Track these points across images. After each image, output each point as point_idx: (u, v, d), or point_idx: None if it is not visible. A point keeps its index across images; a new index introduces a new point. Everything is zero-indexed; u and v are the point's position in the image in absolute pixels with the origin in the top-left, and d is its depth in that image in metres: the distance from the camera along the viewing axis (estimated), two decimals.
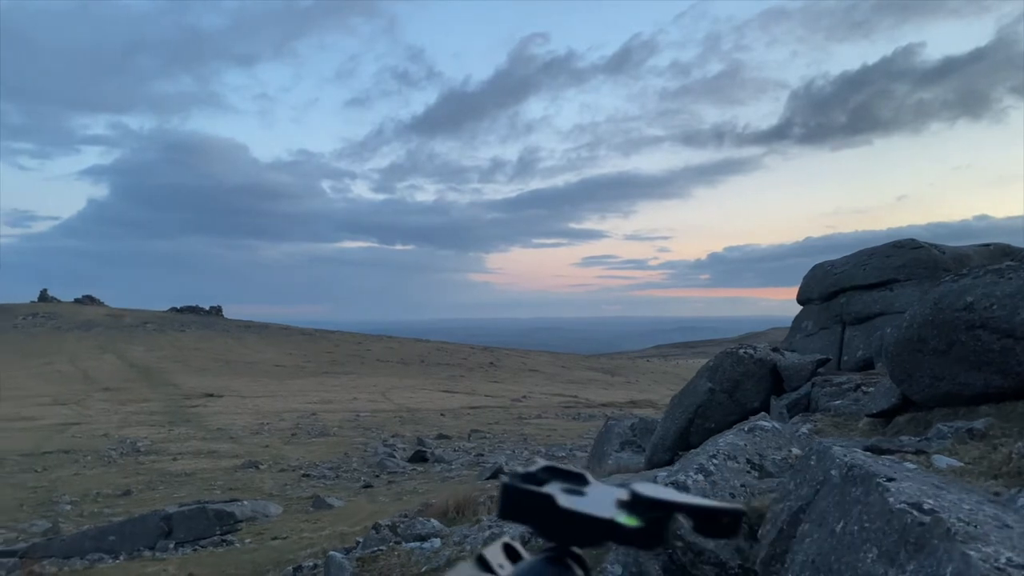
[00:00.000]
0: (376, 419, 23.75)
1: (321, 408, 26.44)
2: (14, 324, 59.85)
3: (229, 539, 8.30)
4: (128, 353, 47.95)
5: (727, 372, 7.77)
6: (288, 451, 17.71)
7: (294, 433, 20.69)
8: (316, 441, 19.45)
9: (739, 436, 4.55)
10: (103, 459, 16.59)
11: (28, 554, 8.07)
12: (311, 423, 22.70)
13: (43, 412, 25.52)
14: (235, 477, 14.30)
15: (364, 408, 26.65)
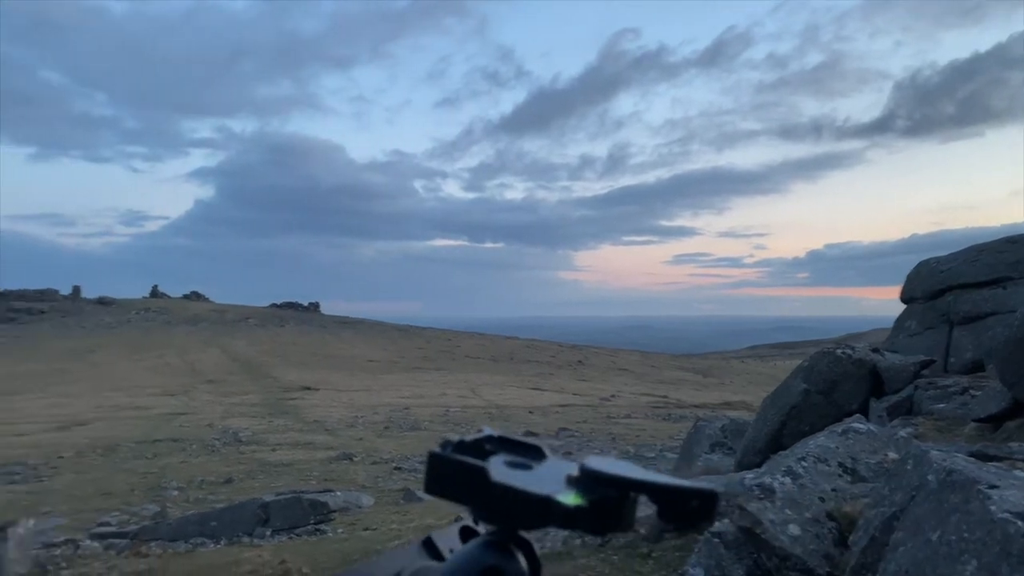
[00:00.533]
0: (465, 415, 24.04)
1: (413, 403, 26.95)
2: (128, 319, 63.49)
3: (322, 528, 8.57)
4: (231, 347, 50.14)
5: (823, 373, 7.50)
6: (381, 444, 18.12)
7: (387, 427, 21.16)
8: (408, 435, 19.84)
9: (831, 438, 4.38)
10: (208, 448, 17.37)
11: (138, 536, 8.57)
12: (403, 417, 23.17)
13: (154, 402, 26.99)
14: (330, 468, 14.73)
15: (454, 404, 27.01)
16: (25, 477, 14.38)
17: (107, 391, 30.57)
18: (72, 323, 60.76)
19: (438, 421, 22.39)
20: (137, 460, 15.98)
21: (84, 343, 50.44)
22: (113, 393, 29.85)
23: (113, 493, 12.50)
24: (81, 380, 34.56)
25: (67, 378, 35.45)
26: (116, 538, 8.92)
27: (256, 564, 6.06)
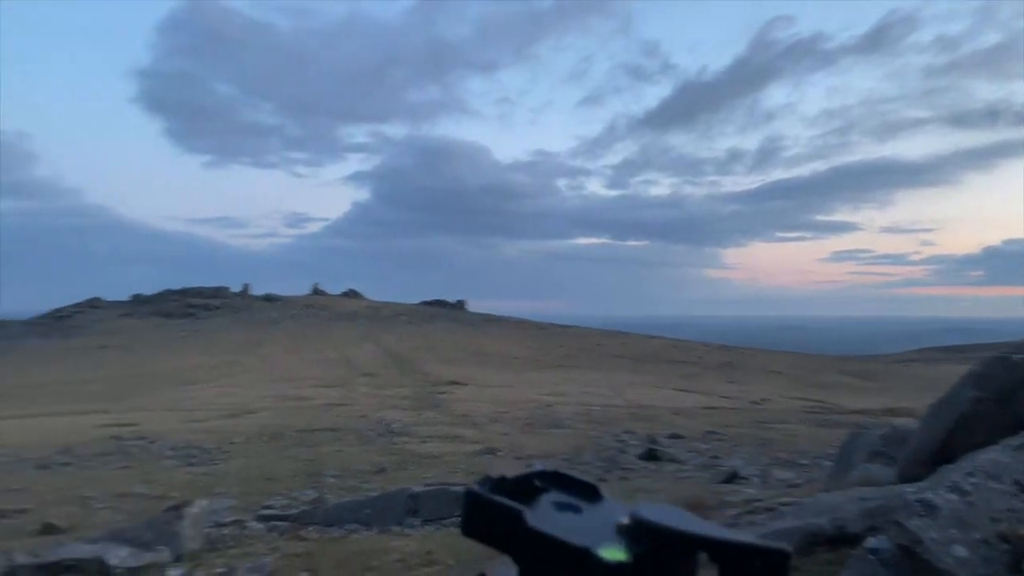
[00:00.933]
0: (608, 414, 23.89)
1: (555, 400, 27.09)
2: (291, 315, 67.72)
3: None
4: (385, 342, 52.38)
5: (997, 379, 6.86)
6: (524, 440, 18.34)
7: (530, 423, 21.39)
8: (551, 432, 19.96)
9: (1004, 453, 4.00)
10: (362, 438, 18.20)
11: (298, 520, 9.14)
12: (546, 415, 23.33)
13: (315, 393, 28.64)
14: (475, 462, 15.06)
15: (596, 403, 26.92)
16: (201, 460, 15.65)
17: (273, 382, 32.77)
18: (242, 318, 65.59)
19: (580, 419, 22.39)
20: (299, 448, 16.99)
21: (252, 337, 54.32)
22: (278, 384, 31.95)
23: (277, 478, 13.36)
24: (250, 371, 37.24)
25: (237, 369, 38.31)
26: (278, 520, 9.54)
27: (404, 553, 6.31)
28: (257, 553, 6.80)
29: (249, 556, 6.77)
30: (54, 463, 15.30)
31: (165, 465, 15.15)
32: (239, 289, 77.35)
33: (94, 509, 11.14)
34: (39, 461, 15.51)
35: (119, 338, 55.45)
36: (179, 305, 70.14)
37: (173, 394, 29.63)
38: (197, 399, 27.53)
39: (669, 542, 0.69)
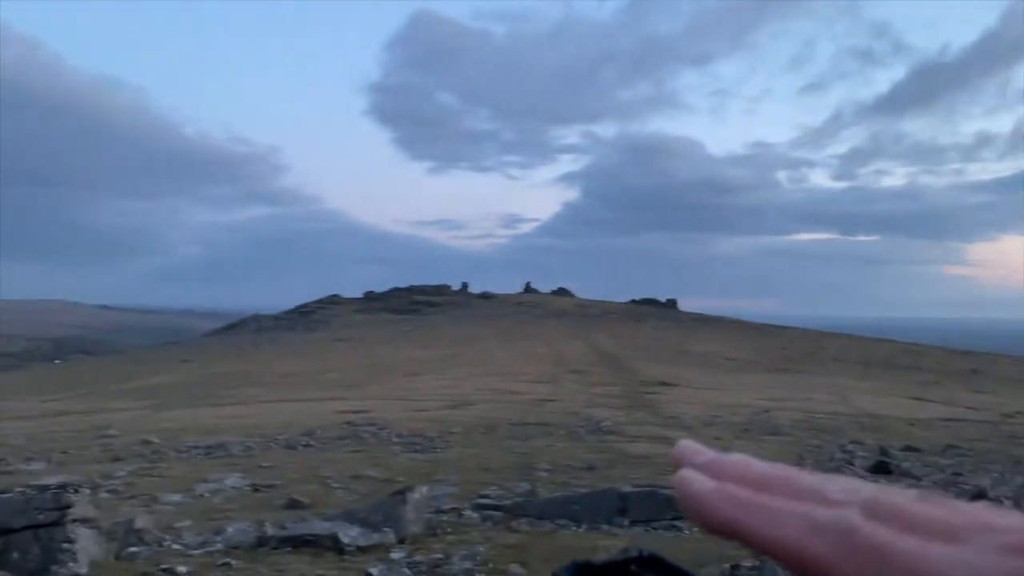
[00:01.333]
0: (832, 422, 22.38)
1: (773, 406, 25.83)
2: (505, 312, 70.14)
3: (678, 525, 8.61)
4: (594, 340, 52.73)
5: None
6: (739, 446, 17.55)
7: (746, 428, 20.56)
8: (767, 439, 19.06)
9: None
10: (572, 434, 18.43)
11: (510, 511, 9.44)
12: (763, 420, 22.32)
13: (526, 388, 29.45)
14: None
15: (819, 410, 25.32)
16: (424, 447, 16.63)
17: (488, 376, 34.13)
18: (460, 314, 68.97)
19: (801, 427, 21.17)
20: (512, 440, 17.53)
21: (470, 332, 56.93)
22: (493, 378, 33.22)
23: (492, 469, 13.88)
24: (467, 365, 39.05)
25: (456, 362, 40.32)
26: (493, 510, 9.91)
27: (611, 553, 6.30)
28: (471, 541, 7.10)
29: (464, 543, 7.09)
30: (299, 444, 16.97)
31: (392, 450, 16.28)
32: (459, 287, 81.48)
33: (331, 488, 12.21)
34: (287, 442, 17.27)
35: (353, 332, 60.46)
36: (405, 302, 75.21)
37: (400, 384, 31.79)
38: (421, 390, 29.33)
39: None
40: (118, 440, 18.20)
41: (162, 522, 9.47)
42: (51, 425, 22.57)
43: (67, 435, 19.63)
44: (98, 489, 11.92)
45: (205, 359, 48.24)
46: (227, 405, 26.53)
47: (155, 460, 15.15)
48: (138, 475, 13.41)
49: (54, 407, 29.14)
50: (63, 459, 15.59)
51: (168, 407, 26.74)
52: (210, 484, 12.36)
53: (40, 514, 5.96)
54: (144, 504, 11.11)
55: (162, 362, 49.24)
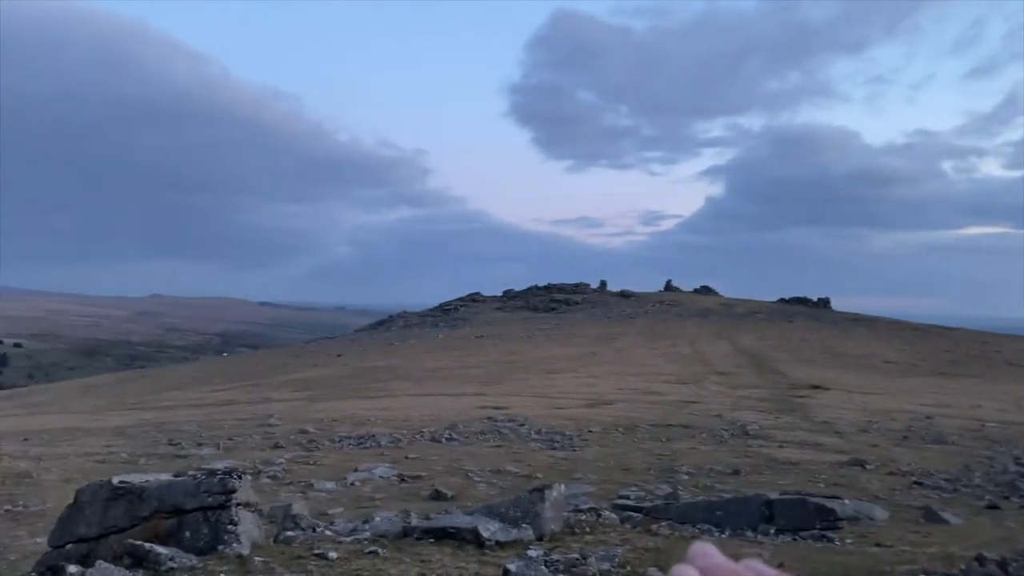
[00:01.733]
0: (1006, 432, 20.55)
1: (937, 412, 24.05)
2: (644, 310, 69.18)
3: (828, 535, 8.17)
4: (739, 340, 51.02)
5: None
6: (898, 454, 16.57)
7: (905, 436, 19.27)
8: (930, 447, 17.78)
9: None
10: (716, 437, 17.95)
11: (650, 513, 9.29)
12: (925, 427, 20.83)
13: (667, 389, 28.93)
14: (838, 473, 13.99)
15: (990, 418, 23.31)
16: (562, 445, 16.69)
17: (627, 375, 33.80)
18: (599, 313, 68.67)
19: (969, 436, 19.58)
20: (652, 442, 17.29)
21: (609, 331, 56.57)
22: (632, 377, 32.87)
23: (631, 470, 13.74)
24: (606, 363, 38.84)
25: (595, 361, 40.19)
26: (632, 512, 9.79)
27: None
28: (610, 542, 7.05)
29: (602, 544, 7.04)
30: (443, 438, 17.48)
31: (531, 447, 16.45)
32: (597, 285, 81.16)
33: (473, 482, 12.50)
34: (431, 435, 17.84)
35: (493, 329, 61.55)
36: (544, 300, 75.76)
37: (538, 381, 32.06)
38: (559, 387, 29.45)
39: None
40: (278, 429, 19.43)
41: (316, 508, 10.02)
42: (219, 414, 24.43)
43: (233, 423, 21.17)
44: (260, 475, 12.78)
45: (356, 354, 50.65)
46: (376, 398, 27.73)
47: (311, 449, 16.06)
48: (295, 463, 14.27)
49: (222, 397, 31.51)
50: (229, 445, 16.81)
51: (323, 399, 28.27)
52: (360, 473, 12.97)
53: (209, 497, 6.46)
54: (300, 491, 11.80)
55: (317, 356, 52.13)
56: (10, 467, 13.95)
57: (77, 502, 6.62)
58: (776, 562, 6.00)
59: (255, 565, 6.10)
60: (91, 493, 6.57)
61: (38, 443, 17.62)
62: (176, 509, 6.41)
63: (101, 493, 6.51)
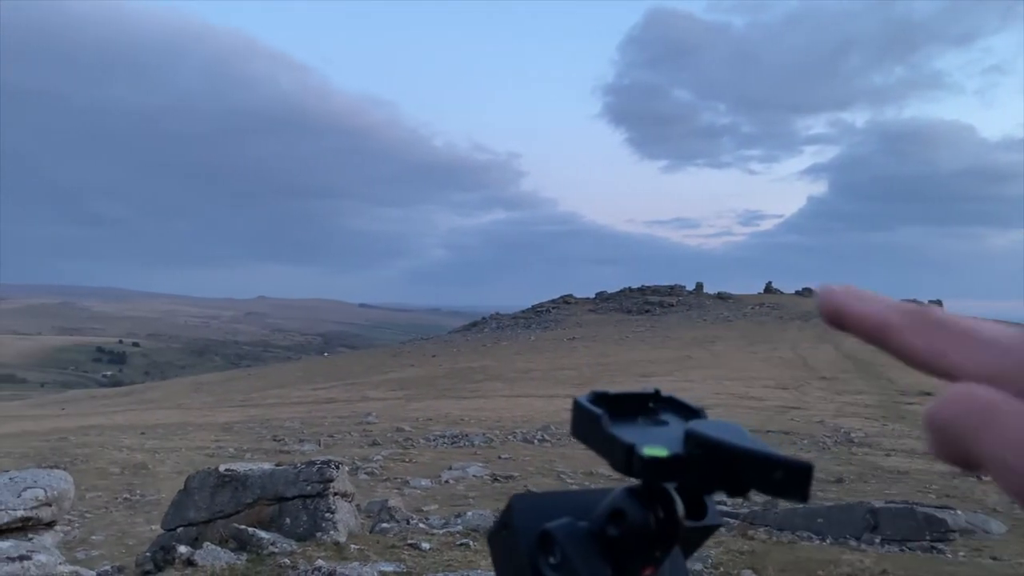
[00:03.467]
0: None
1: None
2: (744, 313, 67.43)
3: (939, 547, 7.75)
4: (844, 344, 49.01)
5: None
6: None
7: None
8: None
9: None
10: (818, 444, 17.33)
11: (747, 519, 9.05)
12: None
13: (766, 394, 28.09)
14: (951, 483, 13.26)
15: None
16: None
17: (724, 380, 33.00)
18: (695, 315, 67.38)
19: None
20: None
21: (705, 334, 55.42)
22: (729, 382, 32.07)
23: None
24: (702, 367, 38.04)
25: (690, 364, 39.44)
26: (729, 517, 9.56)
27: (855, 568, 5.79)
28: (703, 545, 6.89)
29: None
30: (535, 438, 17.52)
31: None
32: (693, 287, 79.65)
33: (565, 483, 12.48)
34: (524, 436, 17.91)
35: (585, 331, 61.30)
36: (638, 302, 74.91)
37: (632, 384, 31.60)
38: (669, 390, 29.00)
39: (706, 448, 0.78)
40: (375, 427, 19.95)
41: (411, 504, 10.24)
42: (320, 411, 25.28)
43: (333, 420, 21.87)
44: (357, 471, 13.15)
45: (450, 355, 51.43)
46: (470, 398, 28.07)
47: (407, 447, 16.41)
48: (392, 460, 14.61)
49: (322, 395, 32.60)
50: (329, 442, 17.37)
51: (418, 398, 28.85)
52: (454, 472, 13.16)
53: (308, 485, 6.70)
54: (396, 487, 12.08)
55: (413, 356, 53.23)
56: (129, 459, 14.85)
57: (187, 488, 6.99)
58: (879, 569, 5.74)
59: (351, 552, 6.28)
60: (200, 480, 6.92)
61: (153, 437, 18.68)
62: (277, 496, 6.68)
63: (209, 480, 6.84)
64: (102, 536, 9.63)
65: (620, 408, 0.80)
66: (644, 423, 0.80)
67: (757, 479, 0.79)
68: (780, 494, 0.79)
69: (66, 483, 5.90)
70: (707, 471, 0.79)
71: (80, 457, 14.83)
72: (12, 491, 5.47)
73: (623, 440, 0.79)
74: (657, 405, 0.80)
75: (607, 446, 0.80)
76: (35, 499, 5.53)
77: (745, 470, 0.79)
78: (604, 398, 0.80)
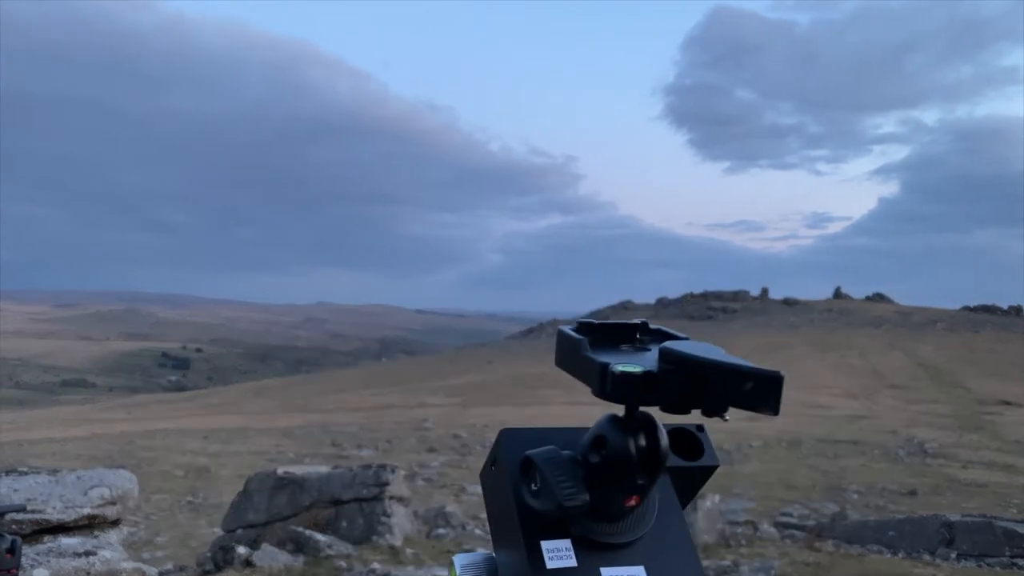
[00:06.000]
0: None
1: None
2: (811, 319, 65.76)
3: (1020, 564, 7.33)
4: (917, 352, 47.41)
5: None
6: None
7: None
8: None
9: None
10: (889, 455, 16.75)
11: (814, 531, 8.74)
12: None
13: (834, 402, 27.31)
14: None
15: None
16: (721, 459, 16.10)
17: (791, 388, 31.99)
18: (760, 321, 65.99)
19: None
20: (818, 458, 16.35)
21: (771, 340, 54.21)
22: (796, 390, 31.26)
23: (795, 486, 13.04)
24: None
25: None
26: (794, 529, 9.26)
27: None
28: (767, 555, 6.67)
29: (758, 556, 6.67)
30: None
31: None
32: (758, 292, 78.07)
33: None
34: None
35: None
36: (700, 307, 73.82)
37: None
38: None
39: (678, 364, 0.82)
40: (432, 433, 20.04)
41: (468, 511, 10.19)
42: (378, 417, 25.54)
43: (391, 426, 22.06)
44: (415, 477, 13.19)
45: (507, 361, 51.47)
46: (527, 405, 28.00)
47: (463, 453, 16.42)
48: (449, 466, 14.64)
49: (380, 401, 32.96)
50: (387, 448, 17.51)
51: (475, 404, 28.92)
52: None
53: (364, 489, 6.71)
54: (453, 493, 12.07)
55: (470, 362, 53.46)
56: (192, 462, 15.22)
57: (246, 490, 7.08)
58: None
59: (406, 556, 6.26)
60: (259, 482, 7.00)
61: (215, 441, 19.13)
62: (334, 500, 6.71)
63: (267, 482, 6.92)
64: (166, 537, 9.86)
65: (604, 337, 0.85)
66: (627, 350, 0.84)
67: (730, 393, 0.83)
68: (753, 406, 0.83)
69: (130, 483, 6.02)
70: (682, 388, 0.82)
71: (146, 460, 15.27)
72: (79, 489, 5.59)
73: (598, 360, 0.83)
74: (644, 336, 0.85)
75: (585, 370, 0.83)
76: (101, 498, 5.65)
77: (717, 384, 0.83)
78: (588, 327, 0.85)
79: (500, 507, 0.83)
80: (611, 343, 0.84)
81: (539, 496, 0.82)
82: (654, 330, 0.86)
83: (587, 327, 0.85)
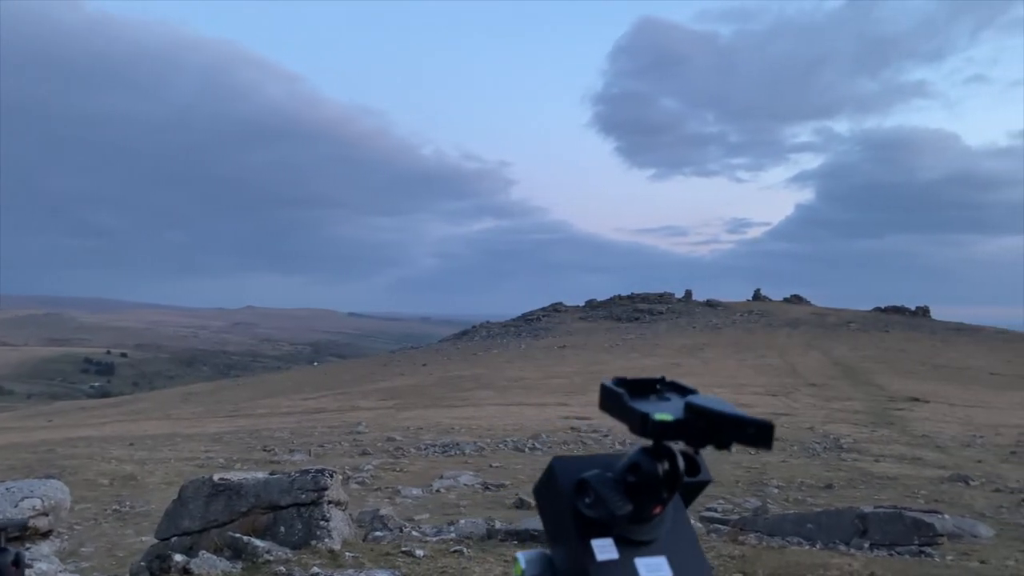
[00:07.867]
0: None
1: None
2: (732, 320, 67.68)
3: (927, 552, 7.83)
4: (832, 351, 49.33)
5: None
6: (1005, 470, 15.71)
7: (1013, 451, 18.25)
8: None
9: None
10: (807, 451, 17.43)
11: (738, 525, 9.12)
12: None
13: (756, 401, 28.21)
14: (939, 489, 13.38)
15: None
16: None
17: (714, 386, 33.09)
18: (684, 322, 67.56)
19: None
20: (741, 454, 16.86)
21: (695, 341, 55.58)
22: (720, 389, 32.16)
23: (719, 482, 13.45)
24: (692, 374, 38.14)
25: (681, 371, 39.53)
26: (719, 523, 9.63)
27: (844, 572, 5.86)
28: None
29: None
30: (526, 447, 17.54)
31: None
32: (682, 295, 79.89)
33: None
34: (515, 444, 17.93)
35: (576, 339, 61.34)
36: (627, 310, 75.06)
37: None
38: None
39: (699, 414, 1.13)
40: (366, 436, 19.91)
41: (403, 513, 10.25)
42: (310, 421, 25.20)
43: (323, 430, 21.81)
44: (348, 480, 13.13)
45: (441, 363, 51.35)
46: (460, 407, 28.05)
47: (397, 456, 16.39)
48: (383, 469, 14.60)
49: (312, 405, 32.48)
50: (320, 452, 17.33)
51: (409, 407, 28.80)
52: (446, 480, 13.17)
53: (302, 494, 6.72)
54: (388, 496, 12.08)
55: (403, 365, 53.11)
56: (117, 470, 14.77)
57: (181, 497, 6.99)
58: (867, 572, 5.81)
59: (345, 559, 6.30)
60: (194, 489, 6.93)
61: (142, 448, 18.58)
62: (272, 505, 6.69)
63: (203, 489, 6.85)
64: (92, 548, 9.58)
65: (635, 389, 1.13)
66: (654, 399, 1.13)
67: (736, 435, 1.14)
68: (753, 444, 1.14)
69: (62, 493, 5.91)
70: (700, 431, 1.13)
71: (68, 469, 14.73)
72: (9, 501, 5.47)
73: (639, 410, 1.13)
74: (663, 387, 1.13)
75: (628, 415, 1.13)
76: (32, 509, 5.54)
77: (727, 429, 1.14)
78: (623, 381, 1.13)
79: (557, 515, 1.13)
80: (642, 393, 1.12)
81: (593, 507, 1.13)
82: (670, 383, 1.13)
83: (622, 381, 1.12)
